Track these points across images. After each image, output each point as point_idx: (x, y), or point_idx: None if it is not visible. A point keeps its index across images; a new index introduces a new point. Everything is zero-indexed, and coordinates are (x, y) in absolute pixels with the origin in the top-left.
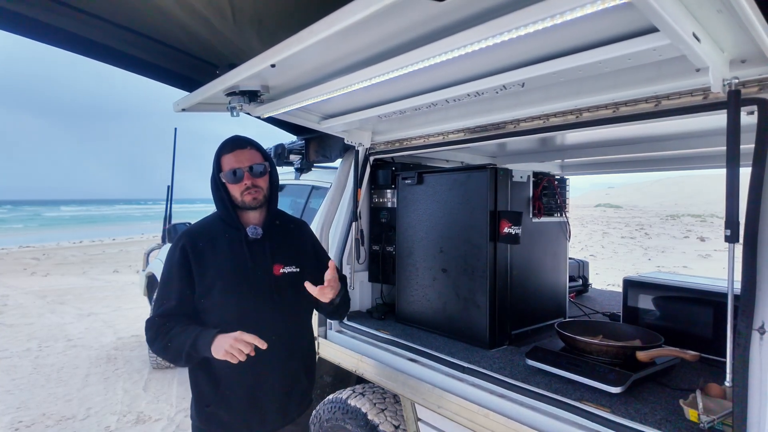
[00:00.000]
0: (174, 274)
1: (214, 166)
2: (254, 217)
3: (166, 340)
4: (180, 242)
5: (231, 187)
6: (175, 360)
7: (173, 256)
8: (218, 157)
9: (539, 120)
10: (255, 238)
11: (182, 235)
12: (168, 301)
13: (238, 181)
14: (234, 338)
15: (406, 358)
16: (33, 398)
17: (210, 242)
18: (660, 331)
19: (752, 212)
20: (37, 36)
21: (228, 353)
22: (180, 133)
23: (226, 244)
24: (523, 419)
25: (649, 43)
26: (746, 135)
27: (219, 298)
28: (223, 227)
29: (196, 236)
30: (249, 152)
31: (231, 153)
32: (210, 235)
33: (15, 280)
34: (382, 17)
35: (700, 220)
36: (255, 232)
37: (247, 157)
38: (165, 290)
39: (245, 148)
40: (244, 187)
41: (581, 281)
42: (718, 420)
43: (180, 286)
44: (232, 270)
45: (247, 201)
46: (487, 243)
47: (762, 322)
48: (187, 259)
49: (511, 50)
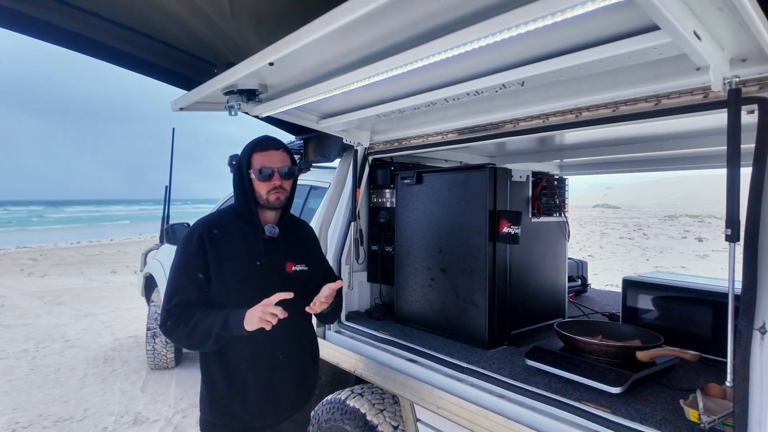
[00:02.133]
0: (191, 263)
1: (244, 163)
2: (271, 216)
3: (189, 327)
4: (196, 232)
5: (258, 185)
6: (200, 344)
7: (189, 245)
8: (249, 154)
9: (538, 119)
10: (270, 236)
11: (198, 225)
12: (186, 291)
13: (266, 180)
14: (264, 305)
15: (404, 358)
16: (30, 399)
17: (226, 235)
18: (659, 331)
19: (753, 212)
20: (34, 33)
21: (262, 320)
22: (179, 133)
23: (242, 239)
24: (522, 419)
25: (650, 42)
26: (746, 135)
27: (236, 293)
28: (238, 222)
29: (212, 226)
30: (281, 154)
31: (264, 152)
32: (226, 228)
33: (12, 281)
34: (381, 15)
35: (698, 221)
36: (272, 230)
37: (278, 158)
38: (181, 280)
39: (278, 149)
40: (272, 187)
41: (580, 281)
42: (718, 420)
43: (197, 275)
44: (249, 265)
45: (272, 200)
46: (486, 243)
47: (763, 321)
48: (203, 248)
49: (511, 48)
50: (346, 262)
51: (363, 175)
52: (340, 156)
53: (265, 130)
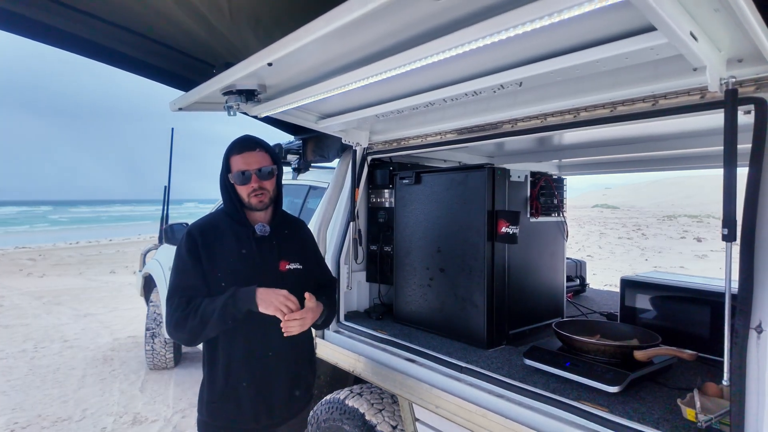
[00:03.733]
0: (189, 262)
1: (223, 166)
2: (261, 215)
3: (198, 312)
4: (189, 236)
5: (239, 188)
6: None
7: (183, 249)
8: (227, 157)
9: (537, 119)
10: (262, 235)
11: (191, 229)
12: (186, 289)
13: (245, 183)
14: (284, 296)
15: (403, 358)
16: (28, 399)
17: (218, 236)
18: (657, 330)
19: (749, 211)
20: (33, 35)
21: (278, 309)
22: (179, 133)
23: (234, 240)
24: (520, 419)
25: (647, 42)
26: (743, 134)
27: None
28: (230, 223)
29: (204, 230)
30: (258, 154)
31: (240, 154)
32: (218, 229)
33: (11, 281)
34: (380, 16)
35: (697, 221)
36: (263, 229)
37: (255, 159)
38: (183, 277)
39: (254, 149)
40: (251, 189)
41: (578, 281)
42: (715, 419)
43: (194, 278)
44: (241, 265)
45: (254, 203)
46: (484, 243)
47: (759, 320)
48: (196, 252)
49: (509, 49)
50: (345, 262)
51: (362, 175)
52: (339, 156)
53: (265, 130)
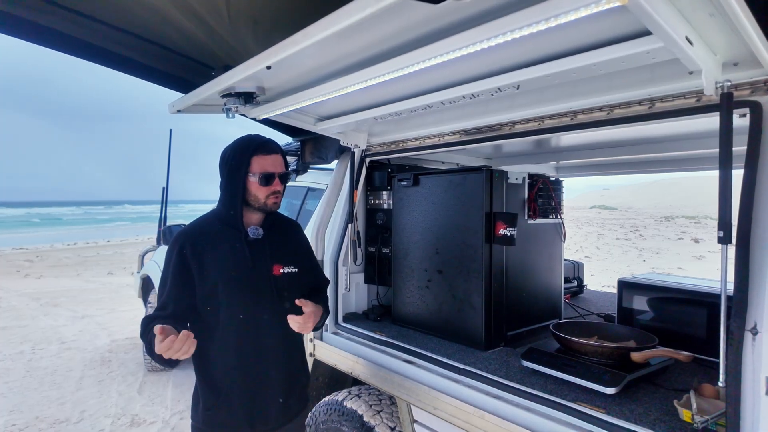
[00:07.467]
0: (170, 277)
1: (242, 164)
2: (254, 217)
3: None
4: (178, 244)
5: (257, 189)
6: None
7: (171, 259)
8: (249, 155)
9: (534, 122)
10: (255, 239)
11: (179, 236)
12: (161, 307)
13: (268, 185)
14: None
15: (402, 359)
16: (26, 401)
17: (210, 242)
18: (654, 332)
19: (745, 214)
20: (31, 38)
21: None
22: (177, 134)
23: (226, 244)
24: (518, 420)
25: (643, 46)
26: (738, 137)
27: (224, 299)
28: (221, 227)
29: (194, 237)
30: (280, 158)
31: (266, 156)
32: (209, 235)
33: (8, 282)
34: (378, 19)
35: (695, 222)
36: (256, 232)
37: (279, 163)
38: (161, 290)
39: (278, 153)
40: (271, 191)
41: (576, 282)
42: (711, 420)
43: (175, 289)
44: (234, 270)
45: (270, 204)
46: (482, 244)
47: (754, 322)
48: (185, 261)
49: (506, 53)
50: (343, 264)
51: (360, 177)
52: (337, 158)
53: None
